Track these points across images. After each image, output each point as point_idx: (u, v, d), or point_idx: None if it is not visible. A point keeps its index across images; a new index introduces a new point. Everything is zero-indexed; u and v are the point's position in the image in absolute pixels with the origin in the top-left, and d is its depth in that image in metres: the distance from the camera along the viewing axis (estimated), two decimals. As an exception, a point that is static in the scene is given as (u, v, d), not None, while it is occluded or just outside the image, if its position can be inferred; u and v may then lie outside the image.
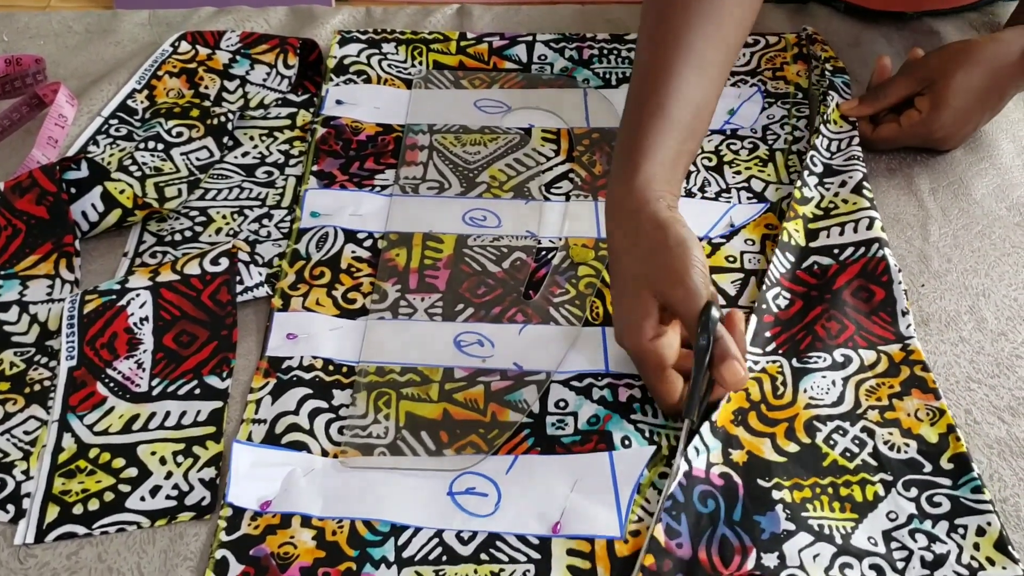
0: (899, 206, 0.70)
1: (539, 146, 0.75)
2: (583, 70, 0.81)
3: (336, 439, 0.55)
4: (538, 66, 0.82)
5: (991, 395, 0.57)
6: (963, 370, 0.59)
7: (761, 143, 0.74)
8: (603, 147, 0.74)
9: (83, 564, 0.49)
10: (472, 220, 0.69)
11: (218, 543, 0.50)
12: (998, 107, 0.72)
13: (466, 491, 0.53)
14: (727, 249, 0.66)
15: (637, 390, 0.57)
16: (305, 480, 0.53)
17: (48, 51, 0.85)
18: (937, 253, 0.66)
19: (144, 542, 0.50)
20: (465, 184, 0.72)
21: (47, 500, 0.52)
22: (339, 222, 0.68)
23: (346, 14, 0.88)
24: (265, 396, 0.57)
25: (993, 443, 0.55)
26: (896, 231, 0.68)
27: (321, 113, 0.77)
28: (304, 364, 0.59)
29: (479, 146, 0.75)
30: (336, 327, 0.61)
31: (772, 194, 0.70)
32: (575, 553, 0.50)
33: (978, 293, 0.63)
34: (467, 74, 0.82)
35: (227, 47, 0.81)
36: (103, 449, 0.54)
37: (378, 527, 0.51)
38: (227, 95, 0.78)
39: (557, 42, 0.84)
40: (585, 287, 0.63)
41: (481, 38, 0.85)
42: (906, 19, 0.86)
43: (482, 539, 0.50)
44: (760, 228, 0.67)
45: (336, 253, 0.66)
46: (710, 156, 0.73)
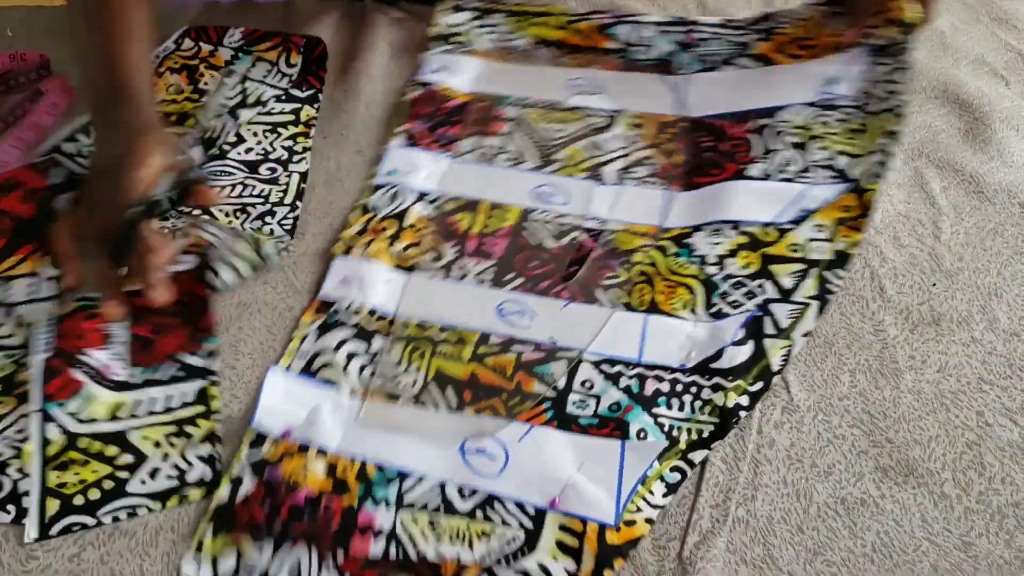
0: (910, 204, 0.68)
1: (624, 130, 0.74)
2: (684, 55, 0.79)
3: (366, 383, 0.58)
4: (640, 48, 0.81)
5: (1003, 396, 0.56)
6: (975, 371, 0.57)
7: (856, 111, 0.70)
8: (688, 137, 0.73)
9: (86, 567, 0.49)
10: (542, 195, 0.69)
11: (238, 461, 0.53)
12: None
13: (476, 451, 0.54)
14: (793, 236, 0.63)
15: (666, 384, 0.56)
16: (329, 415, 0.56)
17: (53, 47, 0.85)
18: (949, 252, 0.64)
19: (147, 544, 0.50)
20: (542, 159, 0.72)
21: (44, 494, 0.52)
22: (414, 181, 0.71)
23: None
24: (311, 333, 0.61)
25: (1005, 446, 0.53)
26: (907, 229, 0.66)
27: (417, 77, 0.80)
28: (352, 308, 0.62)
29: (564, 124, 0.75)
30: (389, 279, 0.64)
31: (855, 171, 0.65)
32: (566, 530, 0.50)
33: (990, 293, 0.62)
34: (566, 51, 0.82)
35: (230, 43, 0.81)
36: (93, 438, 0.54)
37: (387, 472, 0.53)
38: (226, 91, 0.77)
39: (665, 24, 0.82)
40: (637, 274, 0.63)
41: (588, 15, 0.84)
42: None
43: (481, 498, 0.52)
44: (835, 211, 0.64)
45: (404, 209, 0.69)
46: (797, 131, 0.70)
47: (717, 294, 0.61)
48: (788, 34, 0.77)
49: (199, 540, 0.50)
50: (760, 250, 0.62)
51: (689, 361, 0.57)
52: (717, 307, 0.60)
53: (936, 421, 0.55)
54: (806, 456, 0.53)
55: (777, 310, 0.59)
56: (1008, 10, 0.86)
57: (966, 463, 0.53)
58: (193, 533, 0.51)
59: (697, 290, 0.61)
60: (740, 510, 0.51)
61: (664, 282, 0.62)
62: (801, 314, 0.58)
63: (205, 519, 0.51)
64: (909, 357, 0.58)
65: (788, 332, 0.58)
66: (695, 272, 0.62)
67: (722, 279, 0.61)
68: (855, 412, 0.55)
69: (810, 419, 0.55)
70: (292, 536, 0.50)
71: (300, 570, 0.49)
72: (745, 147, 0.70)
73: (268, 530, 0.50)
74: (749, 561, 0.49)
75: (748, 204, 0.65)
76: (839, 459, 0.53)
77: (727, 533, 0.50)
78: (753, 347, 0.57)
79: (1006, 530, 0.49)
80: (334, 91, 0.81)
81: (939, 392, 0.56)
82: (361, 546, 0.50)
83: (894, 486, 0.52)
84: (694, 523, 0.50)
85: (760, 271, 0.61)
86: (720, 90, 0.75)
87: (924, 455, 0.53)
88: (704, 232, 0.65)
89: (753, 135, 0.70)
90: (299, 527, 0.50)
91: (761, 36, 0.78)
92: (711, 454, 0.53)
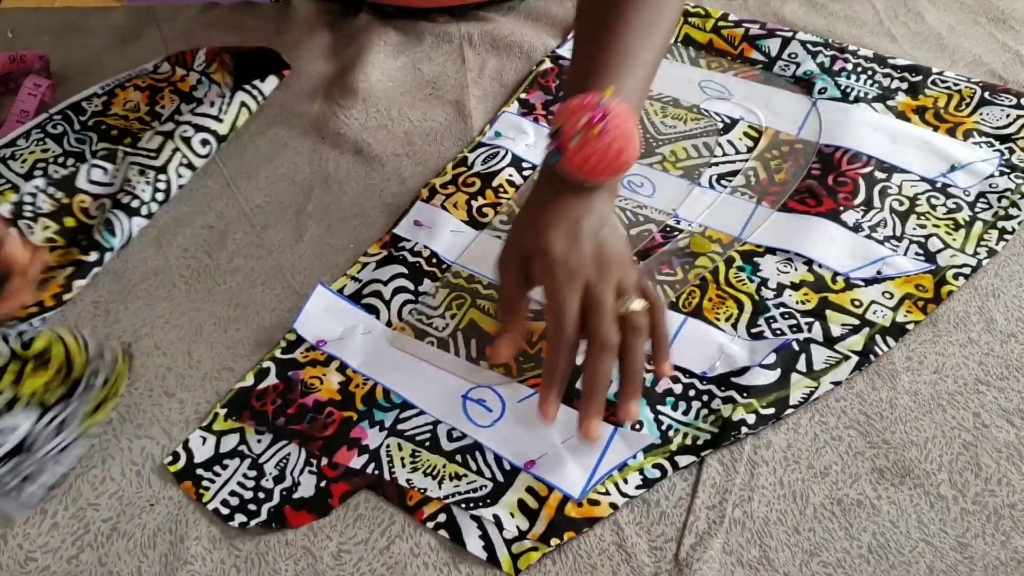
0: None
1: (736, 139, 0.74)
2: (826, 78, 0.79)
3: (404, 318, 0.61)
4: (784, 63, 0.81)
5: (1000, 398, 0.56)
6: (972, 372, 0.57)
7: (967, 207, 0.67)
8: (798, 158, 0.72)
9: (84, 568, 0.50)
10: (629, 184, 0.70)
11: (269, 356, 0.59)
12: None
13: (477, 400, 0.57)
14: (858, 293, 0.61)
15: (679, 386, 0.57)
16: (361, 337, 0.60)
17: (53, 48, 0.85)
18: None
19: (145, 547, 0.51)
20: (643, 150, 0.73)
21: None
22: (515, 148, 0.74)
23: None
24: (371, 262, 0.65)
25: (1002, 447, 0.53)
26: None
27: (557, 50, 0.83)
28: (415, 250, 0.66)
29: (679, 121, 0.76)
30: (458, 230, 0.67)
31: (944, 259, 0.64)
32: (531, 492, 0.52)
33: (988, 294, 0.62)
34: (708, 55, 0.83)
35: (197, 67, 0.80)
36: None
37: (392, 398, 0.57)
38: (177, 116, 0.75)
39: (815, 45, 0.82)
40: (694, 276, 0.63)
41: (740, 22, 0.84)
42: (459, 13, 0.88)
43: (466, 444, 0.54)
44: (908, 286, 0.62)
45: (496, 171, 0.72)
46: (903, 200, 0.68)
47: (764, 317, 0.60)
48: (934, 98, 0.76)
49: (210, 420, 0.56)
50: (822, 293, 0.62)
51: (713, 371, 0.57)
52: (760, 329, 0.60)
53: (933, 422, 0.55)
54: (802, 457, 0.53)
55: (816, 352, 0.58)
56: (1006, 10, 0.86)
57: (963, 464, 0.53)
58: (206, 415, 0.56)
59: (746, 307, 0.61)
60: (736, 511, 0.51)
61: (717, 291, 0.62)
62: (837, 363, 0.57)
63: (220, 403, 0.57)
64: (906, 358, 0.58)
65: (818, 375, 0.57)
66: (751, 291, 0.62)
67: (775, 305, 0.61)
68: (852, 413, 0.55)
69: (807, 420, 0.55)
70: (289, 434, 0.55)
71: (287, 465, 0.53)
72: (850, 188, 0.69)
73: (272, 424, 0.55)
74: (745, 562, 0.49)
75: (829, 248, 0.64)
76: (835, 460, 0.53)
77: (723, 534, 0.50)
78: (779, 375, 0.57)
79: (1002, 531, 0.50)
80: (331, 91, 0.81)
81: (936, 393, 0.56)
82: (345, 456, 0.53)
83: (890, 487, 0.52)
84: (690, 524, 0.50)
85: (814, 311, 0.60)
86: (849, 124, 0.74)
87: (921, 456, 0.53)
88: (777, 257, 0.64)
89: (863, 180, 0.69)
90: (298, 427, 0.55)
91: (908, 90, 0.77)
92: (707, 456, 0.53)
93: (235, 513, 0.51)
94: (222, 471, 0.53)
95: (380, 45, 0.85)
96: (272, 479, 0.53)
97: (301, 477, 0.53)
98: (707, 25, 0.85)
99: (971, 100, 0.75)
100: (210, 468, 0.54)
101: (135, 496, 0.53)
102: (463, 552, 0.50)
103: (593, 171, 0.55)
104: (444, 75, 0.83)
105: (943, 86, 0.77)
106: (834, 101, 0.77)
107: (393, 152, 0.75)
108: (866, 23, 0.87)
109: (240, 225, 0.69)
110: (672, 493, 0.52)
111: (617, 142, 0.54)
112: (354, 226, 0.69)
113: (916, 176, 0.70)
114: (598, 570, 0.49)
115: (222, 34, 0.88)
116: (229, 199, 0.71)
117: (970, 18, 0.86)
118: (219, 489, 0.53)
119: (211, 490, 0.53)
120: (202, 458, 0.54)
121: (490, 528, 0.50)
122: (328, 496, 0.52)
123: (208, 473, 0.53)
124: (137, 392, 0.58)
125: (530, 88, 0.80)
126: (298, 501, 0.52)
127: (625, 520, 0.51)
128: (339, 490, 0.52)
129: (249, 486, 0.53)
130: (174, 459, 0.54)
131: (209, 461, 0.54)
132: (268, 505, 0.52)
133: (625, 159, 0.55)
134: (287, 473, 0.53)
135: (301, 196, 0.72)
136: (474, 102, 0.80)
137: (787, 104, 0.77)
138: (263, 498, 0.52)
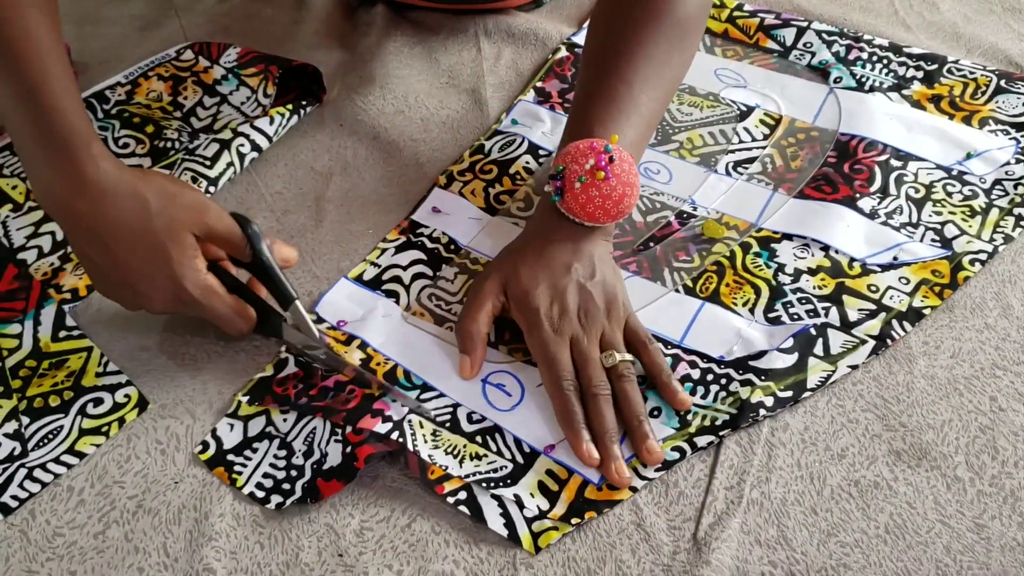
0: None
1: (752, 126, 0.74)
2: (841, 67, 0.79)
3: (423, 302, 0.62)
4: (799, 52, 0.81)
5: (1017, 382, 0.56)
6: (988, 357, 0.58)
7: (983, 194, 0.68)
8: (815, 146, 0.72)
9: (111, 543, 0.50)
10: (646, 171, 0.71)
11: (286, 348, 0.59)
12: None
13: (497, 385, 0.57)
14: (875, 278, 0.62)
15: (697, 371, 0.57)
16: (382, 319, 0.61)
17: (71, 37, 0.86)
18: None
19: (170, 523, 0.51)
20: (660, 137, 0.73)
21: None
22: (530, 135, 0.74)
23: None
24: (391, 248, 0.66)
25: (1019, 430, 0.54)
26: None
27: (572, 38, 0.83)
28: (433, 235, 0.67)
29: (695, 108, 0.76)
30: (475, 216, 0.68)
31: (960, 245, 0.64)
32: (551, 475, 0.52)
33: (1004, 280, 0.62)
34: (724, 43, 0.83)
35: (225, 62, 0.80)
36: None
37: (413, 379, 0.58)
38: (200, 110, 0.77)
39: (830, 34, 0.82)
40: (711, 263, 0.64)
41: (755, 12, 0.85)
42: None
43: (486, 426, 0.55)
44: (924, 271, 0.62)
45: (512, 159, 0.72)
46: (919, 187, 0.68)
47: (781, 302, 0.61)
48: (949, 86, 0.76)
49: (235, 408, 0.56)
50: (839, 279, 0.62)
51: (730, 355, 0.58)
52: (777, 314, 0.60)
53: (949, 406, 0.55)
54: (820, 439, 0.54)
55: (833, 336, 0.58)
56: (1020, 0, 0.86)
57: (979, 447, 0.53)
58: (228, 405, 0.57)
59: (763, 293, 0.61)
60: (755, 492, 0.51)
61: (734, 276, 0.63)
62: (854, 348, 0.58)
63: (242, 391, 0.57)
64: (923, 343, 0.58)
65: (836, 359, 0.57)
66: (768, 276, 0.62)
67: (792, 290, 0.61)
68: (869, 396, 0.56)
69: (824, 403, 0.56)
70: (312, 410, 0.55)
71: (314, 438, 0.54)
72: (866, 175, 0.69)
73: (295, 403, 0.56)
74: (763, 542, 0.49)
75: (847, 234, 0.65)
76: (853, 442, 0.54)
77: (741, 514, 0.50)
78: (797, 359, 0.57)
79: (1019, 512, 0.50)
80: (349, 78, 0.81)
81: (952, 377, 0.57)
82: (369, 423, 0.54)
83: (907, 469, 0.52)
84: (709, 505, 0.51)
85: (831, 296, 0.61)
86: (865, 112, 0.74)
87: (937, 439, 0.53)
88: (794, 243, 0.65)
89: (879, 168, 0.69)
90: (321, 403, 0.55)
91: (923, 79, 0.77)
92: (726, 437, 0.54)
93: (271, 495, 0.52)
94: (252, 454, 0.54)
95: (396, 35, 0.86)
96: (302, 455, 0.53)
97: (328, 448, 0.53)
98: (722, 15, 0.85)
99: (987, 88, 0.76)
100: (240, 453, 0.54)
101: (160, 474, 0.53)
102: (484, 530, 0.50)
103: (592, 215, 0.58)
104: (460, 64, 0.83)
105: (958, 74, 0.77)
106: (849, 91, 0.77)
107: (410, 138, 0.75)
108: (881, 13, 0.87)
109: (260, 211, 0.70)
110: (691, 474, 0.52)
111: (619, 189, 0.57)
112: (373, 212, 0.70)
113: (932, 164, 0.70)
114: (617, 549, 0.49)
115: (240, 24, 0.89)
116: (249, 185, 0.72)
117: (985, 7, 0.87)
118: (252, 472, 0.53)
119: (244, 474, 0.53)
120: (231, 444, 0.54)
121: (511, 507, 0.51)
122: (353, 460, 0.52)
123: (239, 458, 0.54)
124: (160, 373, 0.59)
125: (546, 76, 0.81)
126: (328, 472, 0.52)
127: (644, 500, 0.51)
128: (363, 453, 0.52)
129: (281, 466, 0.53)
130: (204, 448, 0.54)
131: (239, 446, 0.54)
132: (302, 481, 0.52)
133: (625, 207, 0.58)
134: (315, 447, 0.54)
135: (320, 182, 0.72)
136: (490, 91, 0.80)
137: (803, 92, 0.77)
138: (295, 475, 0.53)
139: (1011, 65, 0.79)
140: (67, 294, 0.62)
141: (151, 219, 0.53)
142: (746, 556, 0.49)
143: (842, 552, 0.49)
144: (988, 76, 0.76)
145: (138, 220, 0.53)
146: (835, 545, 0.49)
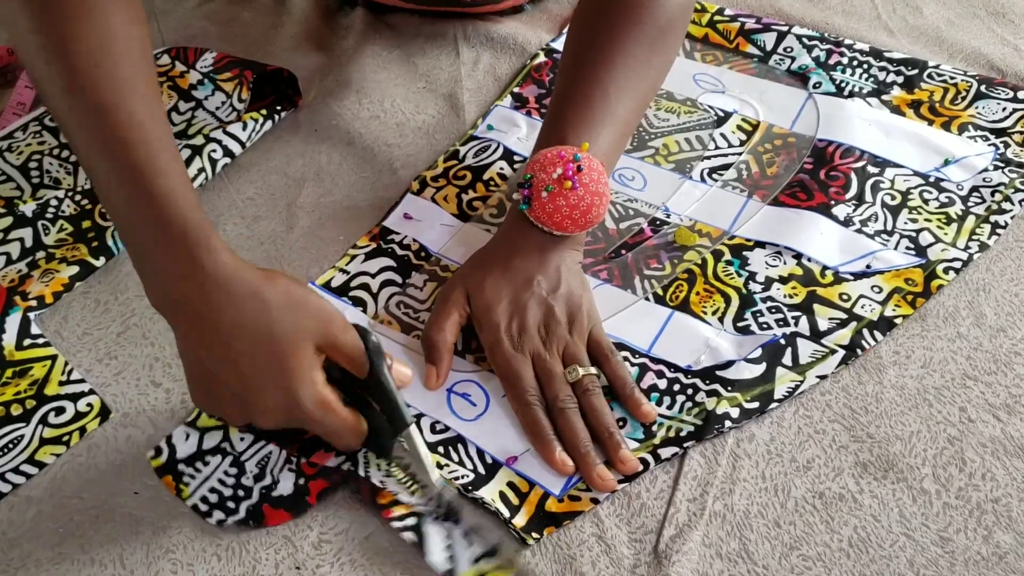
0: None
1: (729, 132, 0.74)
2: (821, 72, 0.78)
3: (391, 310, 0.62)
4: (779, 57, 0.81)
5: (987, 392, 0.56)
6: (959, 367, 0.57)
7: (959, 201, 0.67)
8: (791, 152, 0.71)
9: (67, 556, 0.50)
10: (620, 177, 0.70)
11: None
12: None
13: (462, 395, 0.57)
14: (847, 287, 0.61)
15: (664, 381, 0.56)
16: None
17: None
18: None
19: (128, 534, 0.50)
20: (636, 143, 0.73)
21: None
22: (507, 141, 0.74)
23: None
24: (360, 254, 0.65)
25: (987, 442, 0.53)
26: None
27: (551, 43, 0.83)
28: (404, 243, 0.66)
29: (671, 114, 0.76)
30: (447, 223, 0.67)
31: (935, 253, 0.63)
32: (512, 487, 0.52)
33: (978, 288, 0.62)
34: (703, 48, 0.83)
35: (201, 67, 0.78)
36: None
37: None
38: (175, 115, 0.75)
39: (811, 39, 0.81)
40: (682, 272, 0.63)
41: (736, 17, 0.84)
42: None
43: (450, 436, 0.55)
44: (897, 280, 0.62)
45: (487, 164, 0.72)
46: (895, 194, 0.68)
47: (751, 311, 0.60)
48: (929, 91, 0.76)
49: (195, 416, 0.55)
50: (811, 287, 0.61)
51: (698, 364, 0.57)
52: (746, 323, 0.59)
53: (918, 416, 0.54)
54: (785, 451, 0.53)
55: (802, 346, 0.58)
56: (1004, 4, 0.85)
57: (947, 459, 0.52)
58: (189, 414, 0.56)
59: (733, 301, 0.61)
60: (717, 504, 0.51)
61: (705, 285, 0.62)
62: (823, 358, 0.57)
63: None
64: (893, 352, 0.58)
65: (804, 369, 0.57)
66: (738, 285, 0.62)
67: (762, 299, 0.61)
68: (837, 407, 0.55)
69: (791, 414, 0.55)
70: (268, 436, 0.54)
71: (267, 463, 0.53)
72: (842, 182, 0.68)
73: (252, 427, 0.54)
74: (724, 555, 0.49)
75: (819, 243, 0.64)
76: (819, 454, 0.53)
77: (703, 527, 0.50)
78: (765, 368, 0.57)
79: (984, 526, 0.49)
80: (326, 82, 0.81)
81: (922, 388, 0.56)
82: (323, 457, 0.53)
83: (873, 481, 0.52)
84: (670, 517, 0.50)
85: (801, 305, 0.60)
86: (843, 119, 0.73)
87: (905, 450, 0.53)
88: (766, 251, 0.64)
89: (855, 174, 0.69)
90: (278, 431, 0.52)
91: (903, 84, 0.76)
92: (690, 449, 0.53)
93: (213, 510, 0.51)
94: (203, 467, 0.53)
95: (375, 39, 0.86)
96: (252, 477, 0.52)
97: (280, 475, 0.52)
98: (703, 20, 0.84)
99: (967, 94, 0.75)
100: (192, 464, 0.53)
101: (118, 485, 0.53)
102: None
103: (560, 224, 0.57)
104: (438, 69, 0.83)
105: (939, 80, 0.76)
106: (828, 96, 0.76)
107: (386, 143, 0.75)
108: (864, 16, 0.86)
109: (231, 216, 0.70)
110: (653, 486, 0.52)
111: (587, 199, 0.57)
112: (345, 218, 0.69)
113: (909, 170, 0.69)
114: (577, 561, 0.49)
115: (219, 27, 0.88)
116: (220, 190, 0.72)
117: (969, 11, 0.86)
118: (199, 485, 0.52)
119: (191, 486, 0.52)
120: (184, 454, 0.54)
121: (458, 545, 0.49)
122: (305, 494, 0.51)
123: (189, 469, 0.53)
124: (124, 381, 0.58)
125: (524, 82, 0.80)
126: (276, 499, 0.51)
127: (606, 512, 0.51)
128: (317, 487, 0.52)
129: (229, 483, 0.52)
130: (156, 453, 0.54)
131: (191, 457, 0.54)
132: (247, 503, 0.51)
133: (593, 216, 0.58)
134: (267, 471, 0.53)
135: (293, 188, 0.72)
136: (467, 95, 0.80)
137: (782, 97, 0.77)
138: (242, 495, 0.52)
139: (993, 70, 0.79)
140: (33, 301, 0.62)
141: (272, 324, 0.47)
142: (707, 569, 0.48)
143: (804, 566, 0.48)
144: (968, 81, 0.76)
145: (258, 324, 0.47)
146: (797, 558, 0.48)
